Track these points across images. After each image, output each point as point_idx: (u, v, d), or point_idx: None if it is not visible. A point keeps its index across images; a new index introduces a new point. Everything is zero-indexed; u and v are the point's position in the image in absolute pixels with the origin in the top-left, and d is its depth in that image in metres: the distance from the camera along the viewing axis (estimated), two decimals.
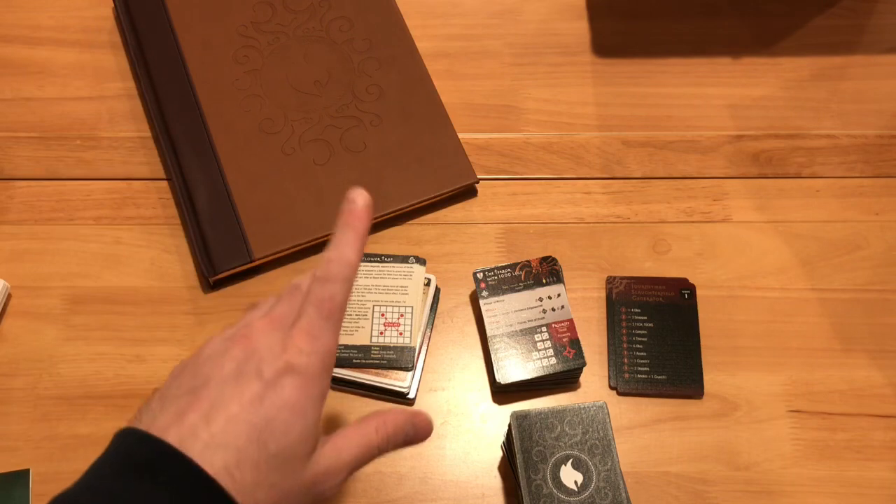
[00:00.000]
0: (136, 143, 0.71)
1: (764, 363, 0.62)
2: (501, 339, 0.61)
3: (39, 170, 0.70)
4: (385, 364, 0.60)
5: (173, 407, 0.38)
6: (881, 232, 0.67)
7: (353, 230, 0.42)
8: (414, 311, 0.62)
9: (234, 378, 0.39)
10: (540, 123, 0.72)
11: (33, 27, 0.76)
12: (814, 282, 0.65)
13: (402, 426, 0.43)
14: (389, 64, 0.72)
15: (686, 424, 0.60)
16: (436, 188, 0.67)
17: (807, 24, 0.77)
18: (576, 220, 0.68)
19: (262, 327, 0.41)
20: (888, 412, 0.61)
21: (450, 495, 0.58)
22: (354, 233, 0.42)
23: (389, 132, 0.69)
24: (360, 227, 0.42)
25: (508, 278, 0.63)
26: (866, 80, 0.74)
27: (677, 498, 0.58)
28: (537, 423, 0.54)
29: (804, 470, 0.59)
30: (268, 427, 0.38)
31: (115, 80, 0.74)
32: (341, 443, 0.41)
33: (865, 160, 0.70)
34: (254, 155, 0.68)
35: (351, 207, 0.43)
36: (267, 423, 0.38)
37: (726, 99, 0.73)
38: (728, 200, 0.69)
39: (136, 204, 0.68)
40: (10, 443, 0.59)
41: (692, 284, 0.65)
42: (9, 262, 0.66)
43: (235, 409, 0.38)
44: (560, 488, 0.52)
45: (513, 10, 0.78)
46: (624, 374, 0.62)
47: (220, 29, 0.73)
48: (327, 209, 0.66)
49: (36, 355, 0.62)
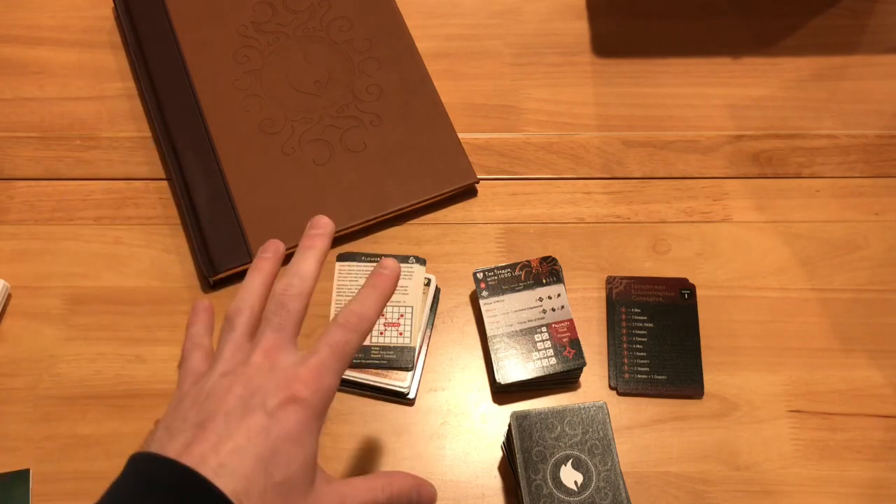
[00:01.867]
0: (136, 143, 0.71)
1: (764, 363, 0.62)
2: (501, 339, 0.61)
3: (39, 170, 0.70)
4: (385, 364, 0.60)
5: (181, 437, 0.39)
6: (881, 232, 0.67)
7: (379, 292, 0.46)
8: (414, 311, 0.62)
9: (239, 412, 0.40)
10: (540, 123, 0.72)
11: (33, 27, 0.76)
12: (814, 282, 0.65)
13: (406, 491, 0.45)
14: (389, 64, 0.72)
15: (686, 424, 0.60)
16: (436, 188, 0.67)
17: (807, 24, 0.77)
18: (576, 220, 0.68)
19: (261, 363, 0.43)
20: (888, 412, 0.61)
21: (450, 495, 0.58)
22: (380, 294, 0.46)
23: (389, 132, 0.69)
24: (386, 291, 0.47)
25: (508, 278, 0.63)
26: (866, 80, 0.74)
27: (677, 498, 0.58)
28: (537, 423, 0.54)
29: (804, 470, 0.59)
30: (273, 457, 0.39)
31: (115, 80, 0.74)
32: (347, 491, 0.43)
33: (865, 160, 0.71)
34: (254, 155, 0.68)
35: (383, 273, 0.47)
36: (273, 453, 0.39)
37: (726, 99, 0.73)
38: (728, 200, 0.69)
39: (136, 204, 0.68)
40: (10, 443, 0.59)
41: (692, 284, 0.65)
42: (9, 262, 0.66)
43: (242, 441, 0.39)
44: (560, 488, 0.52)
45: (513, 10, 0.78)
46: (624, 374, 0.62)
47: (219, 29, 0.73)
48: (327, 209, 0.66)
49: (36, 355, 0.62)
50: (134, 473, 0.39)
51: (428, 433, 0.60)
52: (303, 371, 0.42)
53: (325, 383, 0.42)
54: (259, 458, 0.39)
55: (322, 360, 0.43)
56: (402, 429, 0.60)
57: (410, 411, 0.61)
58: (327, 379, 0.42)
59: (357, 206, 0.66)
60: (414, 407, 0.61)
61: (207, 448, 0.38)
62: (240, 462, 0.38)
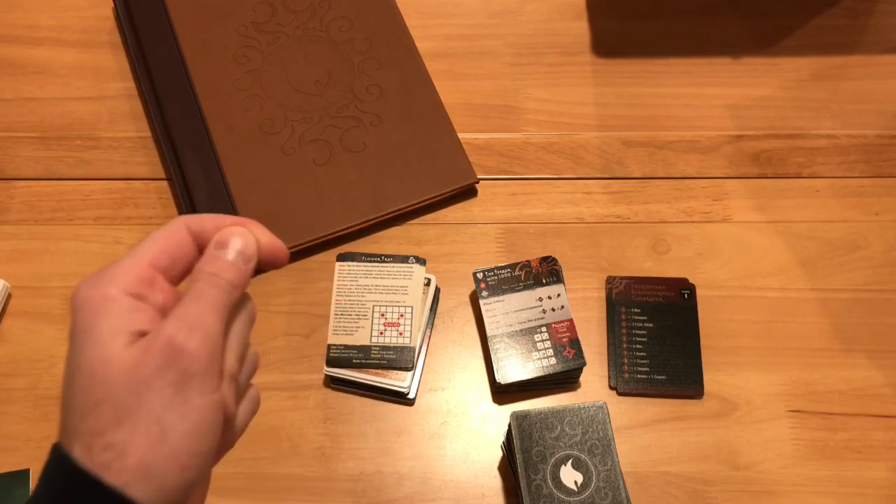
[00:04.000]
0: (136, 143, 0.71)
1: (764, 363, 0.62)
2: (501, 339, 0.61)
3: (39, 170, 0.70)
4: (385, 364, 0.60)
5: None
6: (881, 232, 0.67)
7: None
8: (414, 311, 0.62)
9: None
10: (540, 123, 0.72)
11: (33, 27, 0.76)
12: (814, 282, 0.65)
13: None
14: (389, 64, 0.72)
15: (686, 424, 0.60)
16: (436, 188, 0.67)
17: (807, 24, 0.77)
18: (576, 220, 0.68)
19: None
20: (888, 412, 0.61)
21: (450, 495, 0.58)
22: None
23: (389, 132, 0.69)
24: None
25: (508, 278, 0.63)
26: (866, 80, 0.74)
27: (677, 498, 0.58)
28: (537, 423, 0.54)
29: (804, 470, 0.59)
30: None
31: (115, 80, 0.74)
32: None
33: (865, 160, 0.70)
34: (254, 155, 0.68)
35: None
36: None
37: (726, 99, 0.73)
38: (728, 200, 0.69)
39: (136, 204, 0.68)
40: (10, 443, 0.59)
41: (692, 284, 0.65)
42: (9, 262, 0.66)
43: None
44: (560, 488, 0.52)
45: (513, 10, 0.78)
46: (624, 374, 0.62)
47: (219, 29, 0.73)
48: (327, 209, 0.66)
49: (36, 355, 0.62)
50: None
51: (428, 433, 0.60)
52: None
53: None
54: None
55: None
56: (402, 429, 0.60)
57: (410, 411, 0.61)
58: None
59: (357, 206, 0.66)
60: (414, 407, 0.61)
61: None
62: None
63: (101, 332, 0.33)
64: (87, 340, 0.33)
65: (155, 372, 0.31)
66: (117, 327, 0.33)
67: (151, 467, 0.31)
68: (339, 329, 0.61)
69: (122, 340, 0.32)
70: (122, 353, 0.32)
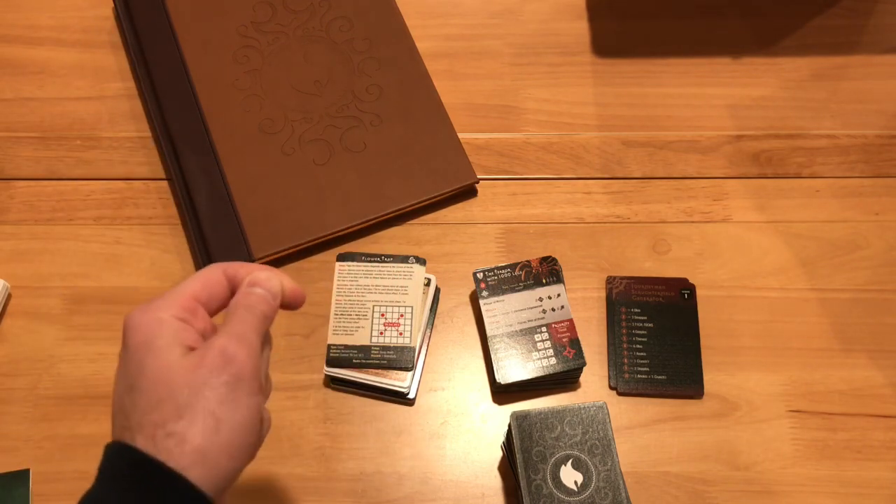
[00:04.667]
0: (136, 143, 0.71)
1: (764, 363, 0.62)
2: (501, 339, 0.61)
3: (39, 170, 0.70)
4: (385, 364, 0.60)
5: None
6: (881, 232, 0.67)
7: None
8: (414, 311, 0.62)
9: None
10: (540, 123, 0.72)
11: (33, 27, 0.76)
12: (814, 282, 0.65)
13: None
14: (389, 64, 0.72)
15: (686, 424, 0.60)
16: (436, 188, 0.67)
17: (807, 24, 0.77)
18: (576, 220, 0.68)
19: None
20: (888, 412, 0.61)
21: (450, 495, 0.58)
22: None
23: (389, 132, 0.69)
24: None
25: (508, 278, 0.63)
26: (866, 80, 0.74)
27: (677, 498, 0.58)
28: (537, 423, 0.54)
29: (804, 470, 0.59)
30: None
31: (115, 80, 0.74)
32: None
33: (865, 160, 0.70)
34: (254, 155, 0.68)
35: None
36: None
37: (726, 99, 0.73)
38: (728, 200, 0.69)
39: (136, 204, 0.68)
40: (10, 443, 0.59)
41: (692, 284, 0.65)
42: (9, 262, 0.66)
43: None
44: (560, 488, 0.52)
45: (513, 10, 0.78)
46: (624, 374, 0.62)
47: (220, 29, 0.73)
48: (327, 209, 0.66)
49: (36, 355, 0.62)
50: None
51: (428, 433, 0.60)
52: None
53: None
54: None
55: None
56: (402, 429, 0.60)
57: (410, 411, 0.61)
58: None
59: (357, 206, 0.66)
60: (414, 407, 0.61)
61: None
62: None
63: (159, 345, 0.38)
64: (148, 353, 0.38)
65: (211, 373, 0.37)
66: (172, 342, 0.38)
67: (207, 454, 0.36)
68: (339, 329, 0.61)
69: (177, 351, 0.38)
70: (181, 360, 0.38)
